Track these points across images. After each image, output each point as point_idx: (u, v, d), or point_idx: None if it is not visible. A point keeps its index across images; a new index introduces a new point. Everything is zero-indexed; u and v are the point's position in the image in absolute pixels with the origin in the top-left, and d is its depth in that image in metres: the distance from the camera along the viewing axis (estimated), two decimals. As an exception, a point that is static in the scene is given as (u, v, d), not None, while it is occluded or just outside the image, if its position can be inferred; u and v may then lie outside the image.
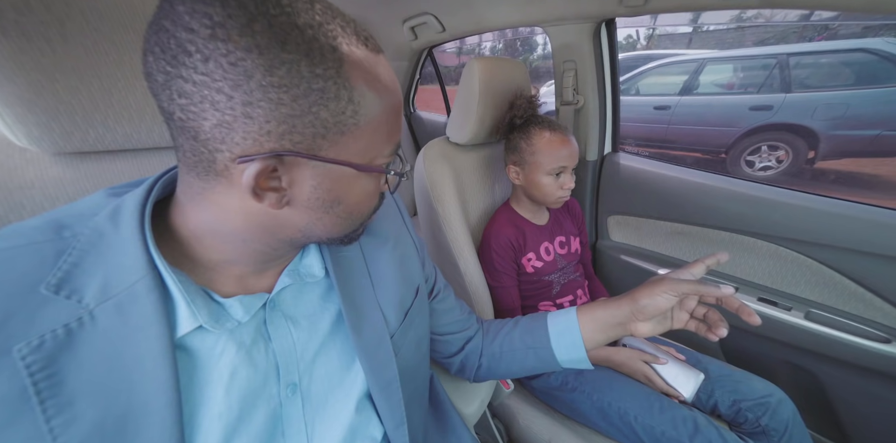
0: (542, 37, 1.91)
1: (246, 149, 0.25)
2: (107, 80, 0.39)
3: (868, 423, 0.79)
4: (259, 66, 0.23)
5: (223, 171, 0.26)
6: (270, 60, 0.23)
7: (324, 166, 0.28)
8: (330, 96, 0.25)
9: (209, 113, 0.24)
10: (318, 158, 0.27)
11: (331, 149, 0.27)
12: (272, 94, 0.23)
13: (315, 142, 0.26)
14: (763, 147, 3.17)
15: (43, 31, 0.35)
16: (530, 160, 0.78)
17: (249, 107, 0.23)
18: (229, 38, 0.22)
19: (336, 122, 0.26)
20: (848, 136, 2.88)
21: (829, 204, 0.78)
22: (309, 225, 0.31)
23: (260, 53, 0.22)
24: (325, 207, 0.30)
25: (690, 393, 0.72)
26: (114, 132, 0.42)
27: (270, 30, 0.23)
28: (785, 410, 0.69)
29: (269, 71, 0.23)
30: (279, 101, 0.24)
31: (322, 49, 0.24)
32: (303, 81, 0.24)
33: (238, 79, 0.23)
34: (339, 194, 0.30)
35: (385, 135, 0.30)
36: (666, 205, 1.00)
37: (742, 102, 3.23)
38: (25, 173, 0.40)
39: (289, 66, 0.23)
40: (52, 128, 0.38)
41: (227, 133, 0.24)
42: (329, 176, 0.28)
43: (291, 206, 0.29)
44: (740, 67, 3.43)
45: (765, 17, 4.31)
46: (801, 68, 3.00)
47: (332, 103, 0.25)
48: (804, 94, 2.97)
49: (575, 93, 1.04)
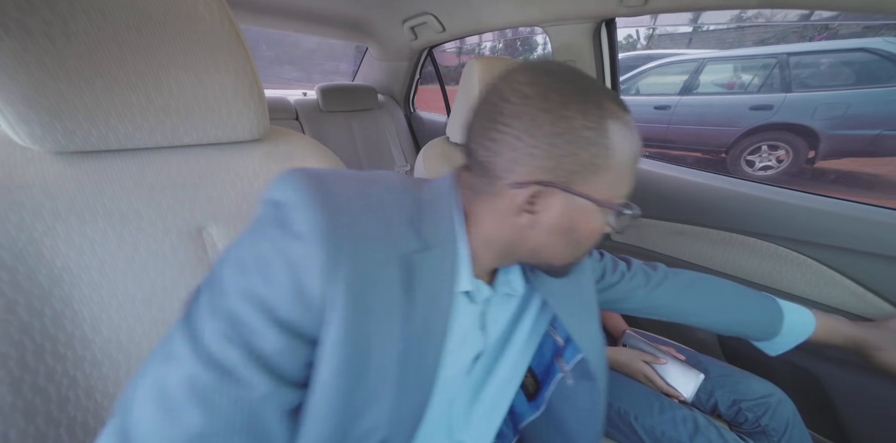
0: (542, 37, 1.91)
1: (521, 178, 0.34)
2: (110, 79, 0.39)
3: (867, 422, 0.80)
4: (547, 122, 0.32)
5: (498, 192, 0.35)
6: (556, 117, 0.32)
7: (572, 198, 0.34)
8: (591, 142, 0.32)
9: (505, 152, 0.33)
10: (570, 190, 0.34)
11: (581, 184, 0.34)
12: (552, 140, 0.32)
13: (571, 177, 0.33)
14: (763, 147, 3.17)
15: (46, 30, 0.36)
16: None
17: (535, 149, 0.32)
18: (533, 105, 0.32)
19: (591, 163, 0.33)
20: (848, 135, 2.88)
21: (828, 204, 0.79)
22: (542, 247, 0.38)
23: (550, 113, 0.32)
24: (562, 232, 0.36)
25: (690, 393, 0.72)
26: (116, 132, 0.42)
27: (561, 98, 0.32)
28: (785, 410, 0.69)
29: (553, 124, 0.32)
30: (555, 144, 0.32)
31: (592, 108, 0.32)
32: (574, 131, 0.32)
33: (532, 130, 0.32)
34: (577, 224, 0.36)
35: (625, 178, 0.36)
36: (666, 205, 1.00)
37: (742, 102, 3.23)
38: (26, 172, 0.40)
39: (567, 120, 0.32)
40: (54, 127, 0.38)
41: (513, 167, 0.33)
42: (573, 206, 0.35)
43: (536, 227, 0.36)
44: (740, 67, 3.43)
45: (765, 17, 4.31)
46: (802, 68, 3.00)
47: (592, 148, 0.32)
48: (804, 93, 2.97)
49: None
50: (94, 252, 0.42)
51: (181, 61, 0.42)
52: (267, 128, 0.52)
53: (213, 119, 0.47)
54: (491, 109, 0.34)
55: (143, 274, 0.45)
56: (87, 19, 0.37)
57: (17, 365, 0.37)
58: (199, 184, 0.49)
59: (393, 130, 2.03)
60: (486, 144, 0.34)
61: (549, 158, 0.33)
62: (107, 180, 0.44)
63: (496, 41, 8.91)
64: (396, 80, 2.01)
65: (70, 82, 0.38)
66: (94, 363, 0.42)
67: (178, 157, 0.48)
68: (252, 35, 2.18)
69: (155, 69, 0.41)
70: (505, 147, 0.33)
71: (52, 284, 0.40)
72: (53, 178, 0.41)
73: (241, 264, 0.30)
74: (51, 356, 0.39)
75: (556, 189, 0.34)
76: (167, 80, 0.42)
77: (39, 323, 0.39)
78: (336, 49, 2.57)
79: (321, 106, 1.85)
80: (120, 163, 0.45)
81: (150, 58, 0.41)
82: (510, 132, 0.33)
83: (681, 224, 0.99)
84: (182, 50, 0.42)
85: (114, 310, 0.43)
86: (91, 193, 0.42)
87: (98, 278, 0.42)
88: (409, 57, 1.80)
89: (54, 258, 0.40)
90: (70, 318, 0.41)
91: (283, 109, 1.79)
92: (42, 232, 0.39)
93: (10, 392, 0.36)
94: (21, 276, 0.38)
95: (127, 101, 0.41)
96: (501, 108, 0.33)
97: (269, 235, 0.30)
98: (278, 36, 2.48)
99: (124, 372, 0.43)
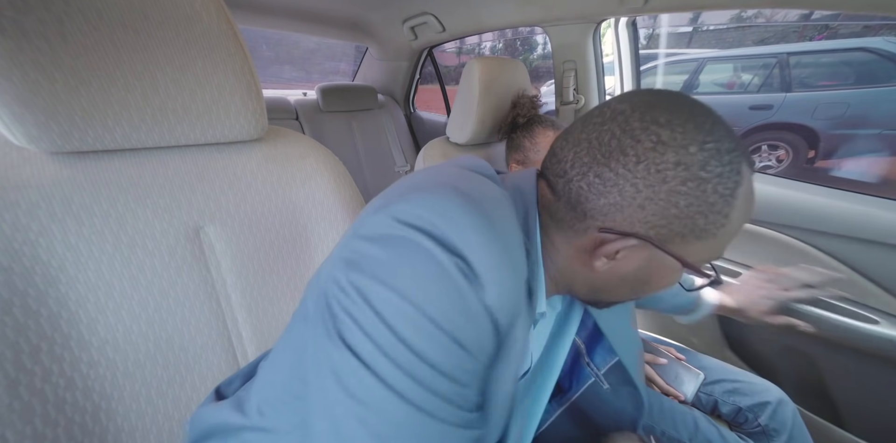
0: (542, 37, 1.91)
1: (618, 226, 0.30)
2: (106, 79, 0.39)
3: (860, 403, 0.83)
4: (678, 178, 0.27)
5: (584, 230, 0.31)
6: (689, 176, 0.27)
7: (661, 255, 0.30)
8: (716, 211, 0.28)
9: (611, 195, 0.29)
10: (664, 250, 0.30)
11: (680, 246, 0.30)
12: (673, 199, 0.28)
13: (673, 238, 0.29)
14: (763, 146, 3.16)
15: (42, 30, 0.35)
16: (534, 158, 0.78)
17: (649, 201, 0.28)
18: (665, 153, 0.27)
19: (703, 230, 0.29)
20: (848, 135, 2.87)
21: (827, 193, 0.81)
22: (603, 288, 0.35)
23: (685, 169, 0.27)
24: (635, 282, 0.33)
25: (691, 393, 0.72)
26: (113, 132, 0.42)
27: (700, 153, 0.27)
28: (785, 410, 0.69)
29: (683, 183, 0.27)
30: (674, 204, 0.28)
31: (731, 174, 0.28)
32: (703, 195, 0.28)
33: (655, 183, 0.28)
34: (653, 278, 0.33)
35: (724, 246, 0.32)
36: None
37: (742, 102, 3.22)
38: (22, 172, 0.40)
39: (700, 183, 0.27)
40: (50, 127, 0.38)
41: (613, 213, 0.29)
42: (659, 262, 0.31)
43: (610, 272, 0.33)
44: (740, 67, 3.42)
45: (765, 17, 4.31)
46: (802, 68, 2.99)
47: (711, 216, 0.28)
48: (804, 93, 2.96)
49: (575, 93, 1.04)
50: (91, 253, 0.42)
51: (178, 61, 0.42)
52: (265, 128, 0.52)
53: (211, 119, 0.46)
54: (611, 142, 0.29)
55: (140, 275, 0.45)
56: (83, 19, 0.37)
57: (13, 366, 0.37)
58: (197, 184, 0.49)
59: (393, 130, 2.03)
60: (590, 178, 0.30)
61: (661, 217, 0.28)
62: (103, 181, 0.44)
63: (496, 41, 8.90)
64: (396, 81, 2.01)
65: (66, 82, 0.37)
66: (90, 364, 0.42)
67: (176, 157, 0.48)
68: (252, 35, 2.18)
69: (151, 69, 0.41)
70: (614, 190, 0.29)
71: (48, 285, 0.40)
72: (49, 178, 0.41)
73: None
74: (47, 357, 0.39)
75: (649, 244, 0.30)
76: (164, 80, 0.42)
77: (35, 324, 0.38)
78: (336, 49, 2.57)
79: (321, 106, 1.85)
80: (117, 163, 0.45)
81: (146, 58, 0.41)
82: (627, 177, 0.28)
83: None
84: (179, 50, 0.42)
85: (110, 311, 0.43)
86: (88, 194, 0.42)
87: (94, 279, 0.42)
88: (409, 57, 1.79)
89: (50, 259, 0.40)
90: (66, 319, 0.40)
91: (283, 109, 1.79)
92: (38, 232, 0.39)
93: (7, 393, 0.36)
94: (16, 276, 0.38)
95: (123, 101, 0.41)
96: (625, 147, 0.28)
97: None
98: (278, 36, 2.48)
99: (121, 373, 0.43)
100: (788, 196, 0.85)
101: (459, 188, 0.28)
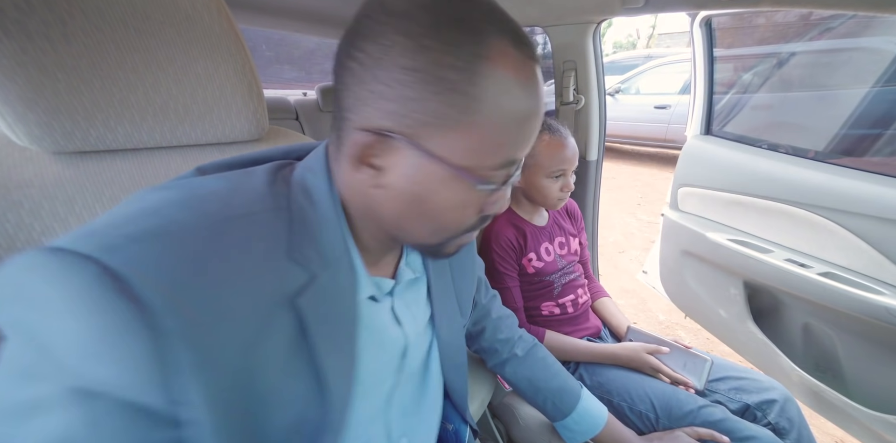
0: (541, 37, 1.90)
1: (364, 122, 0.27)
2: (108, 79, 0.39)
3: (866, 374, 0.88)
4: (402, 51, 0.24)
5: (344, 138, 0.29)
6: (415, 47, 0.24)
7: (420, 157, 0.28)
8: (451, 87, 0.25)
9: (352, 86, 0.27)
10: (417, 146, 0.27)
11: (433, 141, 0.27)
12: (400, 76, 0.25)
13: (420, 129, 0.27)
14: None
15: (45, 31, 0.35)
16: (530, 163, 0.78)
17: (379, 84, 0.25)
18: (393, 24, 0.25)
19: (445, 114, 0.26)
20: (848, 135, 2.87)
21: (856, 175, 0.86)
22: (399, 219, 0.32)
23: (410, 39, 0.24)
24: (412, 200, 0.30)
25: (702, 380, 0.70)
26: (115, 132, 0.42)
27: (431, 20, 0.24)
28: (791, 408, 0.69)
29: (408, 55, 0.24)
30: (403, 83, 0.25)
31: (467, 41, 0.25)
32: (433, 69, 0.25)
33: (383, 59, 0.25)
34: (425, 192, 0.29)
35: (496, 144, 0.28)
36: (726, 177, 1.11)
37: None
38: (24, 172, 0.40)
39: (427, 53, 0.24)
40: (53, 127, 0.38)
41: (357, 106, 0.27)
42: (422, 169, 0.28)
43: (384, 189, 0.30)
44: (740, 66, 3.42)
45: (765, 17, 4.31)
46: (801, 67, 2.99)
47: (450, 95, 0.25)
48: (804, 93, 2.96)
49: (575, 93, 1.04)
50: None
51: (180, 61, 0.42)
52: (266, 128, 0.52)
53: (212, 119, 0.47)
54: (351, 26, 0.27)
55: None
56: (86, 20, 0.37)
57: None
58: None
59: (393, 129, 2.03)
60: (338, 73, 0.28)
61: (393, 100, 0.26)
62: (105, 180, 0.44)
63: (496, 41, 8.88)
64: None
65: (68, 82, 0.37)
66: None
67: (178, 157, 0.48)
68: (252, 35, 2.18)
69: (153, 69, 0.41)
70: (352, 78, 0.26)
71: None
72: (52, 178, 0.41)
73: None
74: None
75: (401, 143, 0.27)
76: (166, 80, 0.42)
77: None
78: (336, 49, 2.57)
79: (321, 106, 1.85)
80: (119, 163, 0.45)
81: (148, 58, 0.41)
82: (360, 58, 0.26)
83: (737, 195, 1.08)
84: (181, 50, 0.42)
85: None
86: (90, 193, 0.42)
87: None
88: (409, 57, 1.80)
89: None
90: None
91: (283, 109, 1.79)
92: (41, 232, 0.39)
93: None
94: None
95: (125, 101, 0.41)
96: (359, 26, 0.26)
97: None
98: (278, 36, 2.48)
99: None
100: (818, 178, 0.90)
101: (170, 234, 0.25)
